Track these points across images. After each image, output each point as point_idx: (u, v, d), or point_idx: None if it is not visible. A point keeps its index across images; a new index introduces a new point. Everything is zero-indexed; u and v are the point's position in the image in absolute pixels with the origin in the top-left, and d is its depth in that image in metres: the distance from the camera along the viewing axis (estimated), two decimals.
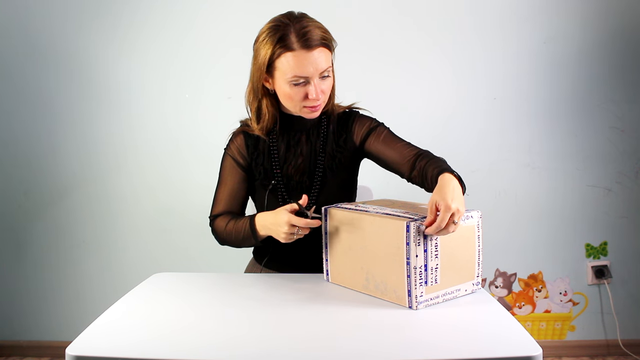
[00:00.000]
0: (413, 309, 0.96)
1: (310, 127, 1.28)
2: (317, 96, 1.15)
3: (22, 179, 2.26)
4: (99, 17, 2.18)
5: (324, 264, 1.15)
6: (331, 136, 1.28)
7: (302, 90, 1.15)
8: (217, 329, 0.90)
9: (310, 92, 1.15)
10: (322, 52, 1.13)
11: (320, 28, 1.14)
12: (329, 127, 1.29)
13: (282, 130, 1.28)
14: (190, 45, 2.19)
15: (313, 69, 1.12)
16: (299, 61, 1.11)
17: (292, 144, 1.28)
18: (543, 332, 2.31)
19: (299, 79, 1.13)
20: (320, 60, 1.13)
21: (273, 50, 1.12)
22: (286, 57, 1.12)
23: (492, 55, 2.19)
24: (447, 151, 2.22)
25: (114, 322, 0.93)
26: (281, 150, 1.27)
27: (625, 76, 2.20)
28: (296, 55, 1.11)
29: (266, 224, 1.15)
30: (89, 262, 2.28)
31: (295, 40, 1.11)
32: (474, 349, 0.81)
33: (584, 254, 2.27)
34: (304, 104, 1.18)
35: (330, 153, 1.27)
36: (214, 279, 1.21)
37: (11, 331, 2.32)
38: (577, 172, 2.24)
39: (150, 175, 2.24)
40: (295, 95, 1.16)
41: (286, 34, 1.11)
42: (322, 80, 1.16)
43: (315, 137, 1.28)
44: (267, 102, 1.23)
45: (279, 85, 1.17)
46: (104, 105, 2.22)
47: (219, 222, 1.27)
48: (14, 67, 2.21)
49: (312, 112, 1.20)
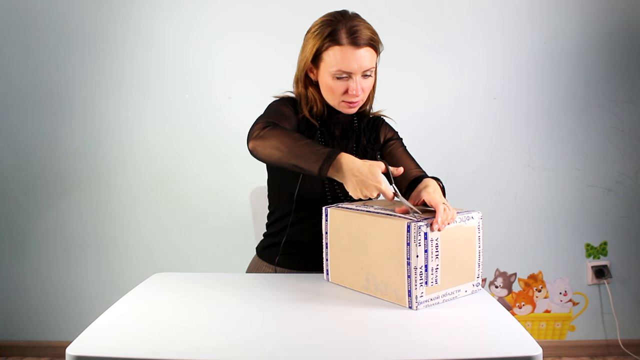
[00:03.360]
0: (413, 309, 0.96)
1: (343, 122, 1.33)
2: (357, 92, 1.19)
3: (22, 179, 2.26)
4: (99, 16, 2.18)
5: (324, 264, 1.15)
6: (363, 134, 1.35)
7: (343, 84, 1.20)
8: (217, 329, 0.90)
9: (351, 87, 1.19)
10: (368, 51, 1.18)
11: (370, 29, 1.19)
12: (360, 126, 1.35)
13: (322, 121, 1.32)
14: (191, 45, 2.19)
15: (357, 66, 1.17)
16: (345, 56, 1.16)
17: (330, 134, 1.32)
18: (543, 332, 2.31)
19: (342, 73, 1.18)
20: (365, 58, 1.18)
21: (322, 43, 1.18)
22: (334, 50, 1.17)
23: (492, 55, 2.20)
24: (447, 151, 2.23)
25: (114, 322, 0.93)
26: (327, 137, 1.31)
27: (625, 76, 2.20)
28: (343, 50, 1.16)
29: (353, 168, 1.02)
30: (89, 262, 2.28)
31: (345, 36, 1.16)
32: (474, 349, 0.81)
33: (584, 254, 2.27)
34: (344, 99, 1.22)
35: (362, 149, 1.33)
36: (214, 279, 1.21)
37: (11, 331, 2.32)
38: (577, 172, 2.24)
39: (150, 175, 2.24)
40: (337, 89, 1.20)
41: (337, 29, 1.17)
42: (364, 78, 1.21)
43: (348, 133, 1.33)
44: (312, 91, 1.27)
45: (323, 77, 1.22)
46: (103, 106, 2.22)
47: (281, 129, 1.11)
48: (13, 67, 2.21)
49: (350, 108, 1.24)
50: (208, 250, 2.25)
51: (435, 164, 2.23)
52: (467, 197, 2.24)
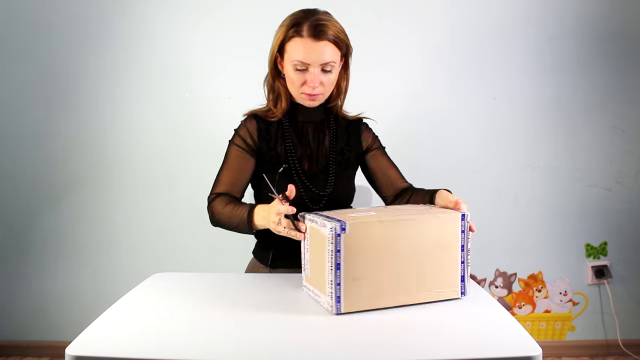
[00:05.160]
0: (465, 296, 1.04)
1: (316, 120, 1.35)
2: (314, 84, 1.23)
3: (23, 179, 2.26)
4: (99, 15, 2.18)
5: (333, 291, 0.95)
6: (342, 135, 1.37)
7: (302, 76, 1.23)
8: (218, 329, 0.90)
9: (309, 79, 1.23)
10: (328, 45, 1.21)
11: (336, 27, 1.23)
12: (337, 126, 1.37)
13: (290, 118, 1.34)
14: (191, 44, 2.19)
15: (314, 58, 1.20)
16: (304, 48, 1.20)
17: (301, 133, 1.33)
18: (543, 332, 2.31)
19: (301, 64, 1.21)
20: (324, 52, 1.21)
21: (286, 33, 1.22)
22: (295, 41, 1.21)
23: (492, 55, 2.20)
24: (447, 151, 2.23)
25: (114, 322, 0.93)
26: (293, 136, 1.33)
27: (625, 76, 2.20)
28: (303, 42, 1.20)
29: (262, 216, 1.16)
30: (89, 262, 2.28)
31: (307, 29, 1.20)
32: (474, 349, 0.81)
33: (584, 254, 2.27)
34: (303, 90, 1.26)
35: (339, 150, 1.35)
36: (214, 279, 1.21)
37: (11, 331, 2.32)
38: (577, 172, 2.24)
39: (150, 175, 2.24)
40: (296, 80, 1.24)
41: (301, 22, 1.21)
42: (324, 73, 1.24)
43: (322, 132, 1.35)
44: (279, 83, 1.32)
45: (286, 68, 1.26)
46: (103, 106, 2.22)
47: (218, 202, 1.27)
48: (14, 68, 2.21)
49: (309, 100, 1.28)
50: (208, 250, 2.25)
51: (435, 164, 2.23)
52: (467, 197, 2.24)
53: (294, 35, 1.21)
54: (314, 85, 1.23)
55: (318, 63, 1.21)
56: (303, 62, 1.21)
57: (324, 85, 1.25)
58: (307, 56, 1.20)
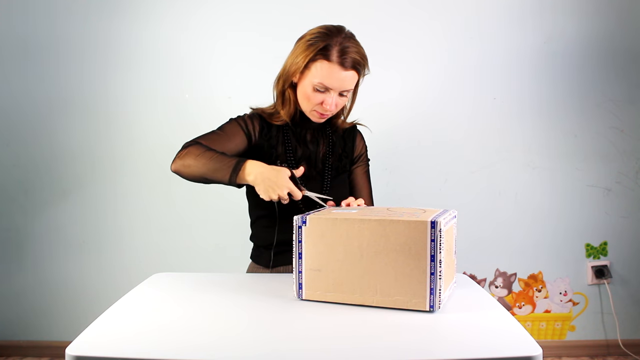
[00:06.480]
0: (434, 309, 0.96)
1: (315, 127, 1.38)
2: (331, 108, 1.26)
3: (23, 178, 2.26)
4: (99, 15, 2.18)
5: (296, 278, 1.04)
6: (338, 141, 1.41)
7: (320, 96, 1.25)
8: (218, 329, 0.90)
9: (327, 102, 1.25)
10: (352, 74, 1.24)
11: (360, 53, 1.24)
12: (335, 133, 1.41)
13: (292, 122, 1.36)
14: (190, 45, 2.19)
15: (337, 85, 1.23)
16: (331, 73, 1.21)
17: (300, 137, 1.36)
18: (543, 332, 2.31)
19: (323, 87, 1.23)
20: (347, 80, 1.23)
21: (314, 54, 1.22)
22: (322, 64, 1.22)
23: (492, 55, 2.20)
24: (447, 151, 2.23)
25: (114, 322, 0.93)
26: (292, 139, 1.36)
27: (625, 76, 2.20)
28: (331, 67, 1.21)
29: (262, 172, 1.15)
30: (89, 262, 2.28)
31: (336, 54, 1.21)
32: (474, 349, 0.81)
33: (584, 254, 2.27)
34: (316, 109, 1.28)
35: (337, 154, 1.40)
36: (214, 279, 1.21)
37: (11, 331, 2.32)
38: (577, 172, 2.24)
39: (150, 175, 2.24)
40: (313, 99, 1.26)
41: (331, 44, 1.21)
42: (340, 96, 1.27)
43: (320, 138, 1.39)
44: (290, 92, 1.32)
45: (304, 84, 1.27)
46: (103, 106, 2.22)
47: (199, 146, 1.24)
48: (14, 67, 2.21)
49: (320, 118, 1.31)
50: (208, 250, 2.25)
51: (435, 164, 2.24)
52: (467, 197, 2.24)
53: (321, 58, 1.21)
54: (330, 108, 1.26)
55: (340, 89, 1.24)
56: (325, 86, 1.23)
57: (338, 107, 1.29)
58: (332, 82, 1.22)
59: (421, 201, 2.15)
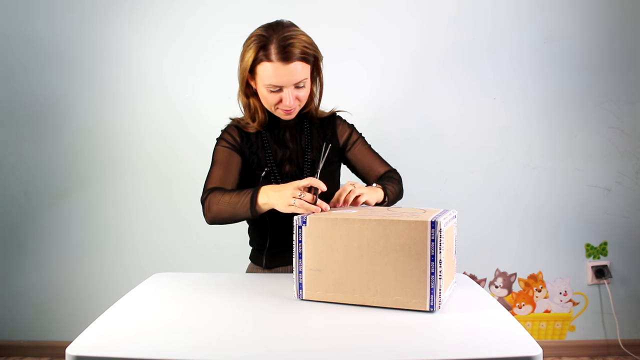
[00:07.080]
0: (435, 310, 0.96)
1: (292, 125, 1.37)
2: (290, 103, 1.24)
3: (23, 179, 2.26)
4: (100, 18, 2.18)
5: (297, 278, 1.04)
6: (316, 133, 1.38)
7: (277, 96, 1.24)
8: (218, 329, 0.90)
9: (284, 99, 1.24)
10: (298, 65, 1.21)
11: (302, 41, 1.20)
12: (312, 126, 1.39)
13: (268, 126, 1.37)
14: (190, 45, 2.19)
15: (287, 80, 1.21)
16: (275, 72, 1.19)
17: (279, 139, 1.36)
18: (543, 332, 2.31)
19: (274, 87, 1.22)
20: (296, 73, 1.21)
21: (255, 57, 1.21)
22: (265, 66, 1.20)
23: (492, 55, 2.20)
24: (447, 151, 2.23)
25: (114, 322, 0.93)
26: (271, 143, 1.36)
27: (625, 76, 2.20)
28: (274, 66, 1.19)
29: (269, 193, 1.15)
30: (89, 262, 2.28)
31: (275, 52, 1.18)
32: (474, 349, 0.81)
33: (584, 254, 2.27)
34: (278, 107, 1.27)
35: (317, 147, 1.37)
36: (214, 279, 1.21)
37: (11, 331, 2.32)
38: (577, 172, 2.24)
39: (150, 175, 2.24)
40: (271, 100, 1.25)
41: (267, 44, 1.19)
42: (297, 89, 1.25)
43: (299, 134, 1.37)
44: (254, 100, 1.32)
45: (259, 88, 1.26)
46: (104, 106, 2.22)
47: (214, 194, 1.25)
48: (14, 67, 2.21)
49: (286, 115, 1.29)
50: (208, 250, 2.25)
51: (435, 164, 2.24)
52: (467, 197, 2.24)
53: (262, 59, 1.19)
54: (289, 104, 1.24)
55: (291, 84, 1.22)
56: (276, 85, 1.21)
57: (299, 99, 1.27)
58: (281, 80, 1.20)
59: (421, 201, 2.14)
